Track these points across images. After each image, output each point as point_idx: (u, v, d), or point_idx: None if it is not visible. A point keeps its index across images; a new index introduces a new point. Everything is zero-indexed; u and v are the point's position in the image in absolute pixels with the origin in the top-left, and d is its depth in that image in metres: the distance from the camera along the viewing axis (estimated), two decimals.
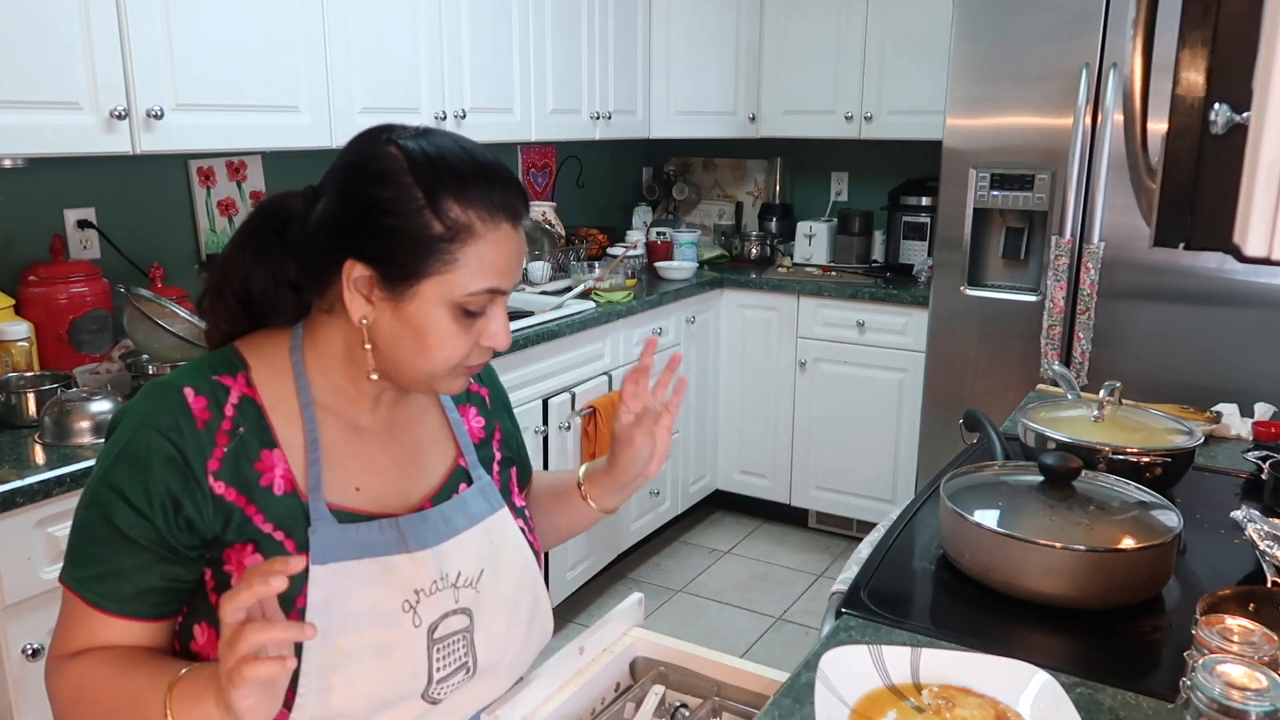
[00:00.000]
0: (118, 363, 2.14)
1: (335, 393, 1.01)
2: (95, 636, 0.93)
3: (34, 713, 1.67)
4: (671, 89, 3.81)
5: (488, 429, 1.16)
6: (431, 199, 0.91)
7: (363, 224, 0.93)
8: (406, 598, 0.97)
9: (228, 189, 2.66)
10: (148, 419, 0.92)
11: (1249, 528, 1.24)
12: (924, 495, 1.56)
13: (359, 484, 1.01)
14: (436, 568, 1.00)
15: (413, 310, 0.93)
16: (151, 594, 0.92)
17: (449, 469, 1.09)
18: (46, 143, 1.86)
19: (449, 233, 0.91)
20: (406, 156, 0.93)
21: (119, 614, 0.92)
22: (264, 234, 1.01)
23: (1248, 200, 0.76)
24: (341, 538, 0.95)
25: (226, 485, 0.93)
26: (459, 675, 1.01)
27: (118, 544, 0.91)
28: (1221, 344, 2.74)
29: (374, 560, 0.96)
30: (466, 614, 1.02)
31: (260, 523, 0.94)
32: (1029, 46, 2.88)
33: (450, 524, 1.03)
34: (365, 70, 2.50)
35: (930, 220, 3.72)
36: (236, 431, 0.95)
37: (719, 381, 3.88)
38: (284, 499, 0.95)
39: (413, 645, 0.97)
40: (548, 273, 3.45)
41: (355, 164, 0.95)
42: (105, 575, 0.91)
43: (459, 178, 0.92)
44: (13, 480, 1.61)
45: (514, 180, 0.97)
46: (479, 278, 0.93)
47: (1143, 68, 0.98)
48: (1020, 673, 1.01)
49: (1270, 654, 0.86)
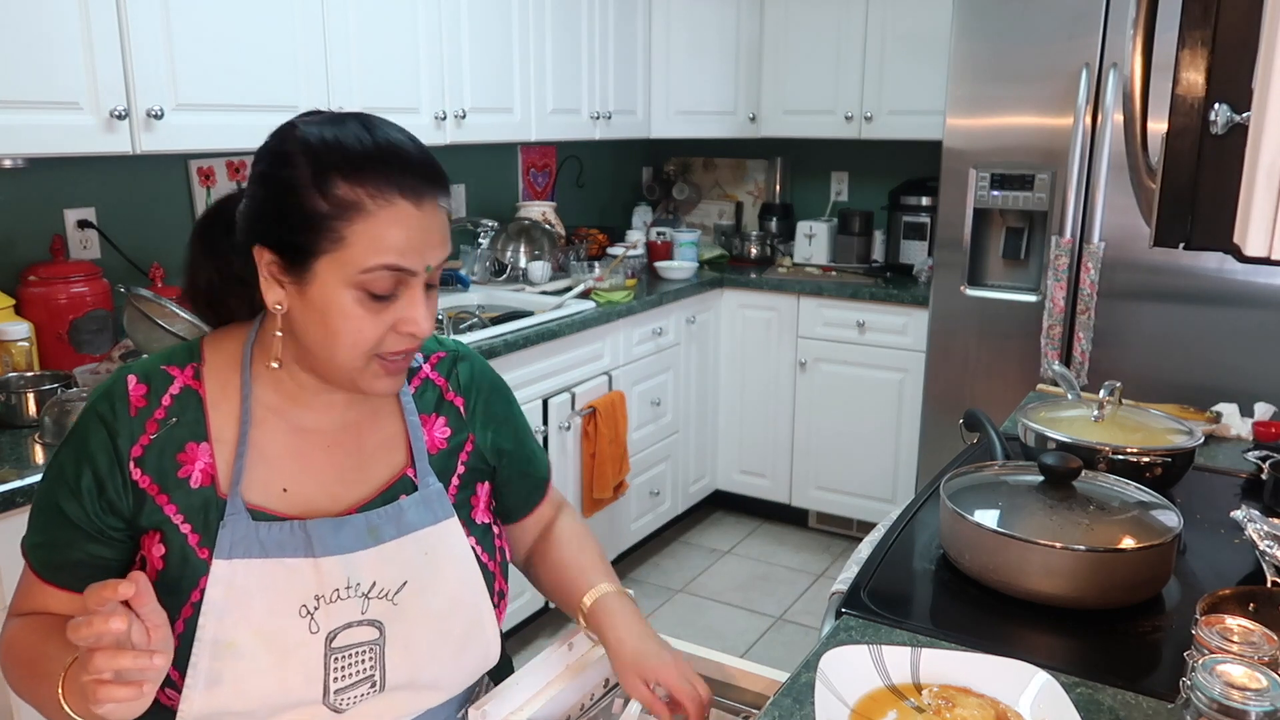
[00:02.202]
0: (118, 363, 2.14)
1: (280, 392, 1.02)
2: (36, 601, 0.99)
3: (34, 712, 1.66)
4: (671, 89, 3.81)
5: (455, 440, 1.12)
6: (317, 176, 0.91)
7: (262, 206, 0.95)
8: (305, 602, 0.97)
9: (228, 189, 2.66)
10: (94, 403, 0.98)
11: (1249, 528, 1.24)
12: (924, 495, 1.56)
13: (287, 485, 1.01)
14: (343, 575, 0.99)
15: (315, 293, 0.93)
16: (78, 567, 0.97)
17: (393, 477, 1.06)
18: (46, 143, 1.86)
19: (334, 209, 0.91)
20: (303, 139, 0.93)
21: (51, 582, 0.99)
22: (212, 230, 1.05)
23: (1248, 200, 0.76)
24: (248, 536, 0.96)
25: (143, 472, 0.97)
26: (363, 687, 1.00)
27: (55, 518, 0.97)
28: (1221, 344, 2.74)
29: (276, 561, 0.97)
30: (375, 626, 1.00)
31: (171, 513, 0.97)
32: (1029, 46, 2.88)
33: (375, 533, 1.01)
34: (365, 70, 2.50)
35: (930, 220, 3.72)
36: (168, 421, 0.98)
37: (719, 381, 3.88)
38: (199, 492, 0.98)
39: (307, 651, 0.97)
40: (548, 273, 3.45)
41: (265, 148, 0.97)
42: (43, 544, 0.98)
43: (349, 156, 0.92)
44: (13, 480, 1.61)
45: (421, 162, 0.95)
46: (371, 255, 0.91)
47: (1143, 68, 0.98)
48: (1020, 673, 1.01)
49: (1270, 654, 0.86)
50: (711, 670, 1.22)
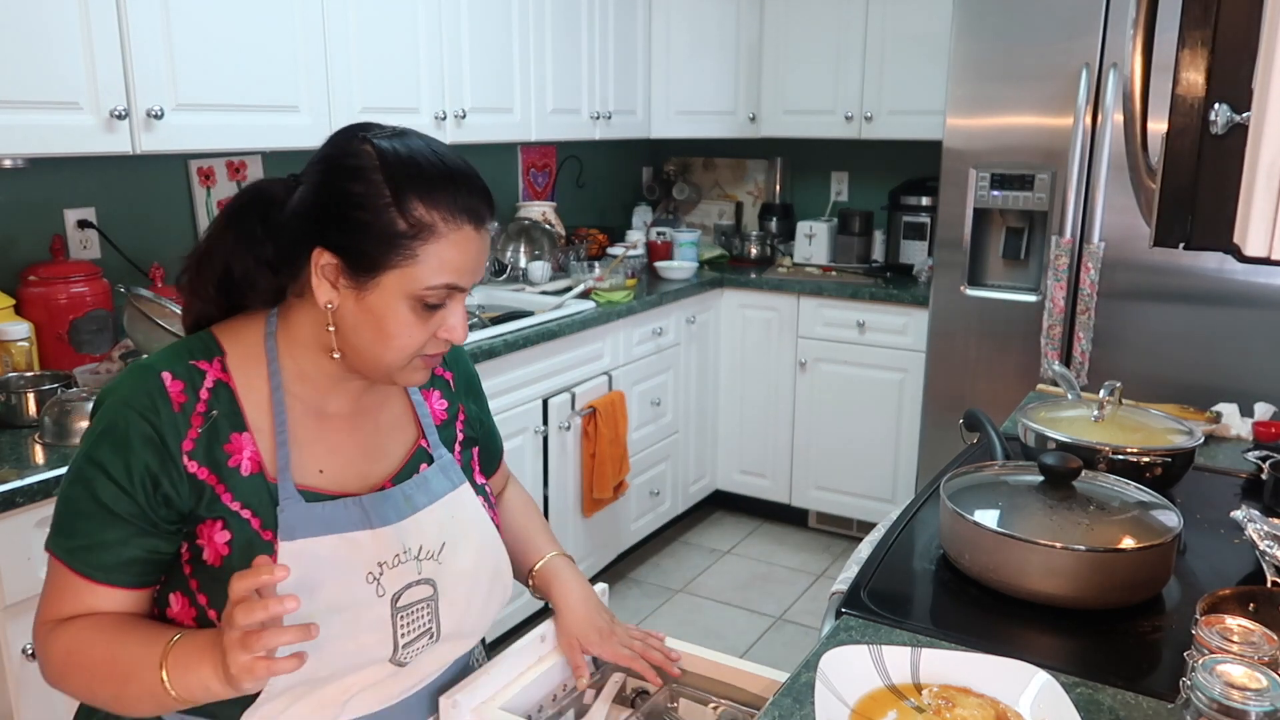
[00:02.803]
0: (118, 363, 2.14)
1: (303, 380, 1.07)
2: (82, 603, 0.99)
3: (34, 713, 1.67)
4: (671, 89, 3.81)
5: (451, 410, 1.21)
6: (398, 197, 0.96)
7: (333, 215, 0.98)
8: (370, 570, 1.04)
9: (228, 189, 2.66)
10: (128, 400, 0.98)
11: (1249, 528, 1.24)
12: (924, 495, 1.56)
13: (322, 466, 1.06)
14: (399, 542, 1.06)
15: (374, 300, 0.99)
16: (133, 564, 0.99)
17: (410, 450, 1.14)
18: (46, 143, 1.86)
19: (412, 230, 0.97)
20: (379, 155, 0.98)
21: (104, 582, 0.99)
22: (247, 216, 1.06)
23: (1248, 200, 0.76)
24: (308, 515, 1.02)
25: (199, 465, 0.99)
26: (423, 640, 1.08)
27: (102, 518, 0.97)
28: (1221, 344, 2.74)
29: (339, 536, 1.03)
30: (430, 584, 1.08)
31: (228, 501, 1.00)
32: (1029, 46, 2.88)
33: (411, 501, 1.09)
34: (365, 70, 2.50)
35: (930, 220, 3.72)
36: (210, 414, 1.01)
37: (719, 381, 3.88)
38: (250, 479, 1.01)
39: (377, 613, 1.04)
40: (548, 273, 3.45)
41: (332, 158, 1.01)
42: (91, 547, 0.98)
43: (426, 179, 0.98)
44: (13, 480, 1.61)
45: (480, 186, 1.02)
46: (438, 274, 0.98)
47: (1143, 68, 0.98)
48: (1020, 673, 1.01)
49: (1270, 654, 0.86)
50: (711, 670, 1.23)
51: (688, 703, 1.21)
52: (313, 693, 1.02)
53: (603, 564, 3.33)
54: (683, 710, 1.22)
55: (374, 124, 1.04)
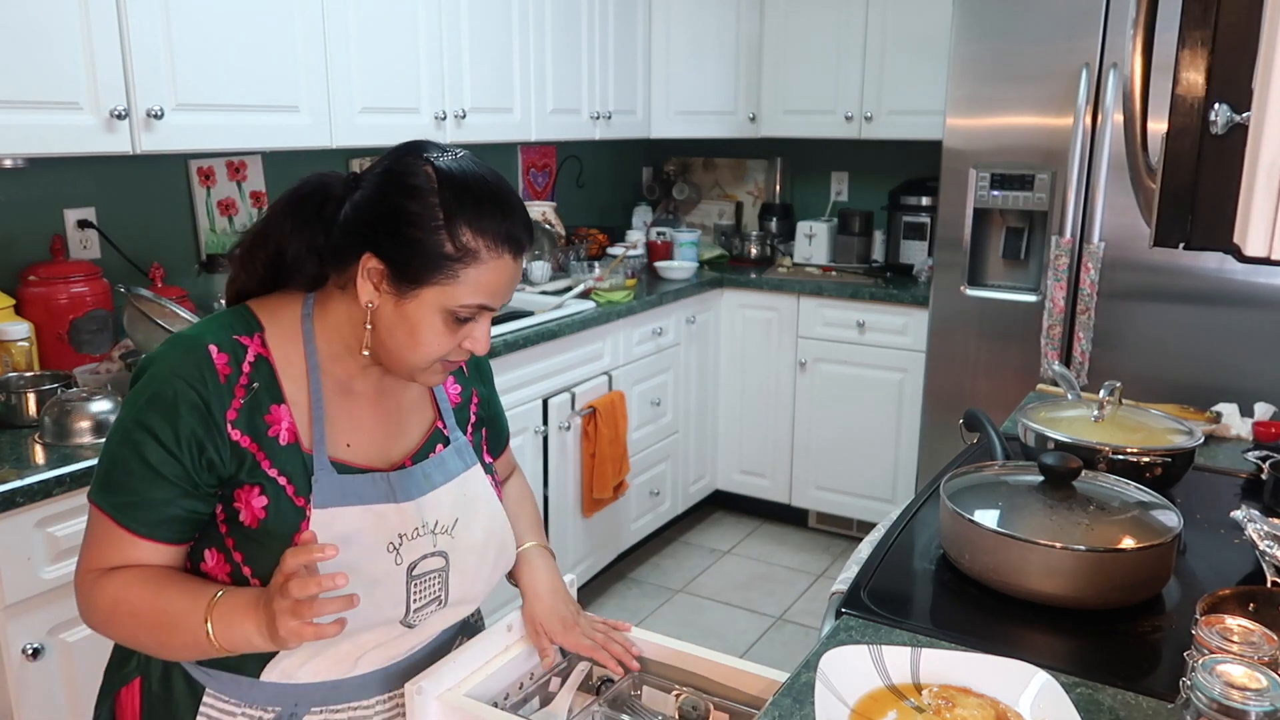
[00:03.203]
0: (118, 363, 2.14)
1: (334, 359, 1.14)
2: (124, 555, 1.06)
3: (34, 713, 1.67)
4: (671, 89, 3.81)
5: (464, 395, 1.29)
6: (449, 221, 1.04)
7: (387, 227, 1.05)
8: (391, 540, 1.12)
9: (228, 189, 2.66)
10: (176, 370, 1.05)
11: (1249, 528, 1.24)
12: (924, 495, 1.56)
13: (350, 440, 1.14)
14: (418, 516, 1.15)
15: (411, 309, 1.07)
16: (175, 523, 1.06)
17: (427, 431, 1.22)
18: (46, 143, 1.86)
19: (458, 253, 1.04)
20: (438, 177, 1.05)
21: (148, 537, 1.06)
22: (306, 204, 1.12)
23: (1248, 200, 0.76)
24: (341, 487, 1.10)
25: (242, 433, 1.07)
26: (432, 606, 1.17)
27: (149, 478, 1.04)
28: (1221, 344, 2.74)
29: (366, 508, 1.11)
30: (443, 556, 1.17)
31: (267, 468, 1.07)
32: (1029, 46, 2.88)
33: (430, 480, 1.17)
34: (365, 70, 2.50)
35: (930, 220, 3.72)
36: (251, 386, 1.08)
37: (719, 381, 3.88)
38: (287, 449, 1.09)
39: (394, 580, 1.12)
40: (548, 273, 3.45)
41: (394, 172, 1.07)
42: (136, 504, 1.05)
43: (477, 206, 1.05)
44: (13, 480, 1.61)
45: (525, 217, 1.10)
46: (474, 295, 1.06)
47: (1143, 68, 0.98)
48: (1020, 673, 1.01)
49: (1270, 654, 0.86)
50: (711, 670, 1.23)
51: (651, 690, 1.24)
52: (329, 648, 1.11)
53: (603, 564, 3.33)
54: (646, 698, 1.24)
55: (435, 143, 1.10)
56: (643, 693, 1.24)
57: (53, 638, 1.67)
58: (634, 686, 1.24)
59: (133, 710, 1.16)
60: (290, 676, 1.11)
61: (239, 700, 1.12)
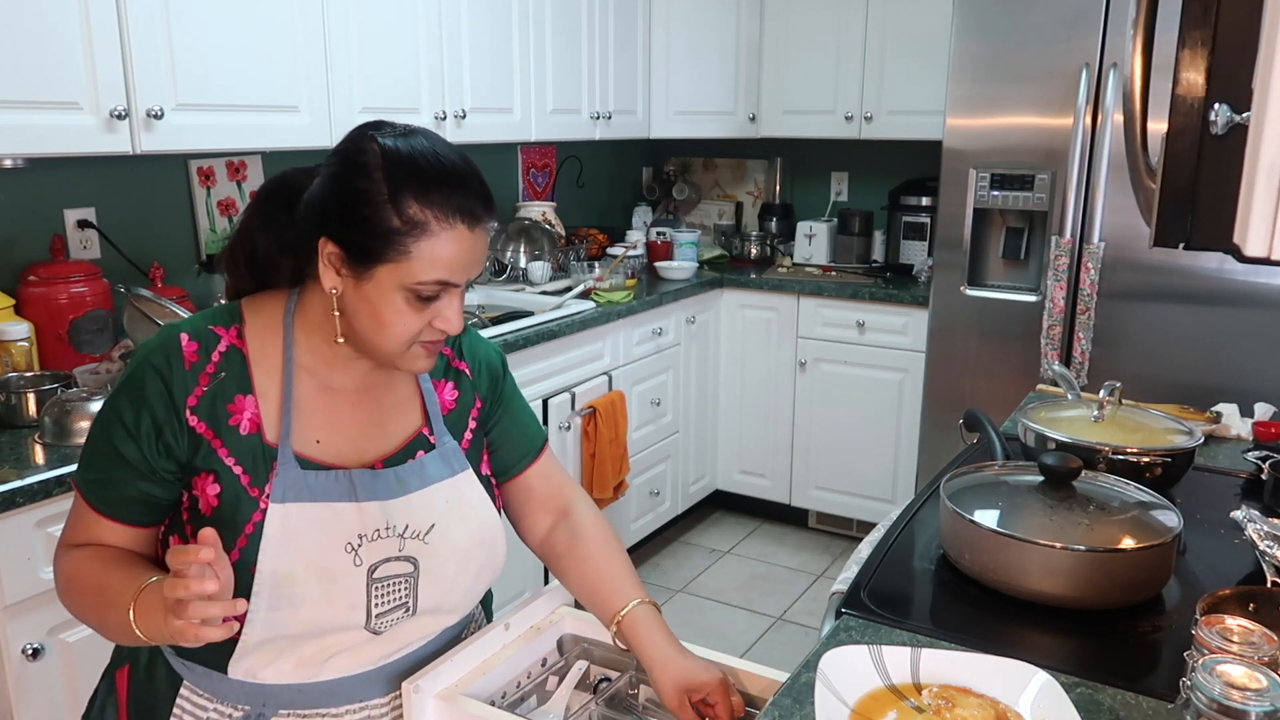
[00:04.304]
0: (118, 363, 2.14)
1: (314, 354, 1.13)
2: (91, 533, 1.10)
3: (34, 712, 1.67)
4: (671, 89, 3.81)
5: (463, 401, 1.25)
6: (395, 195, 1.02)
7: (338, 208, 1.05)
8: (349, 540, 1.10)
9: (228, 189, 2.66)
10: (148, 356, 1.08)
11: (1249, 528, 1.24)
12: (924, 495, 1.56)
13: (320, 437, 1.13)
14: (383, 518, 1.12)
15: (369, 290, 1.05)
16: (133, 504, 1.08)
17: (410, 436, 1.19)
18: (46, 143, 1.86)
19: (405, 227, 1.02)
20: (382, 154, 1.04)
21: (107, 515, 1.08)
22: (272, 203, 1.13)
23: (1248, 200, 0.76)
24: (300, 482, 1.09)
25: (199, 420, 1.08)
26: (398, 613, 1.14)
27: (111, 458, 1.07)
28: (1221, 344, 2.74)
29: (324, 505, 1.09)
30: (410, 561, 1.14)
31: (224, 456, 1.08)
32: (1029, 46, 2.88)
33: (403, 484, 1.15)
34: (365, 70, 2.50)
35: (930, 220, 3.72)
36: (218, 375, 1.09)
37: (719, 381, 3.88)
38: (248, 439, 1.09)
39: (351, 581, 1.10)
40: (548, 273, 3.45)
41: (344, 153, 1.07)
42: (100, 481, 1.08)
43: (422, 178, 1.03)
44: (13, 480, 1.61)
45: (478, 187, 1.07)
46: (429, 270, 1.03)
47: (1143, 68, 0.98)
48: (1020, 673, 1.01)
49: (1270, 654, 0.86)
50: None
51: (648, 689, 1.23)
52: (293, 648, 1.10)
53: None
54: (644, 696, 1.24)
55: (388, 123, 1.09)
56: (640, 691, 1.24)
57: (53, 638, 1.67)
58: (631, 685, 1.24)
59: (122, 692, 1.18)
60: (255, 675, 1.11)
61: (211, 695, 1.12)
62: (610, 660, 1.26)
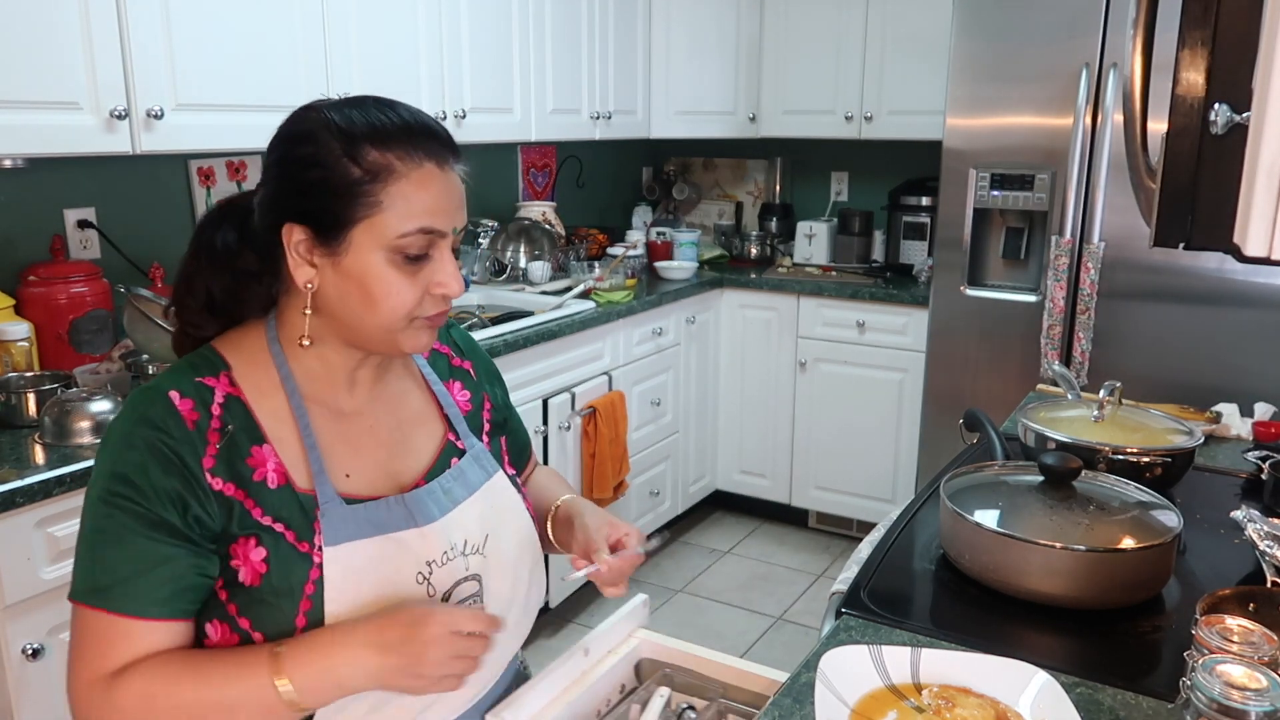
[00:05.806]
0: (118, 363, 2.14)
1: (313, 379, 1.03)
2: (131, 648, 0.91)
3: (34, 713, 1.67)
4: (671, 89, 3.81)
5: (475, 400, 1.19)
6: (348, 146, 0.94)
7: (290, 184, 0.96)
8: (420, 570, 1.01)
9: (228, 189, 2.66)
10: (136, 428, 0.93)
11: (1249, 528, 1.24)
12: (924, 495, 1.56)
13: (349, 471, 1.02)
14: (445, 539, 1.03)
15: (350, 262, 0.95)
16: (189, 591, 0.93)
17: (439, 446, 1.11)
18: (46, 143, 1.86)
19: (368, 174, 0.93)
20: (325, 115, 0.97)
21: (152, 617, 0.91)
22: (213, 236, 1.04)
23: (1248, 200, 0.76)
24: (352, 518, 0.98)
25: (224, 481, 0.94)
26: None
27: (146, 552, 0.91)
28: (1221, 344, 2.74)
29: (385, 537, 0.99)
30: (476, 580, 1.06)
31: (259, 516, 0.95)
32: (1029, 46, 2.88)
33: (450, 495, 1.06)
34: (365, 70, 2.50)
35: (930, 220, 3.72)
36: (226, 429, 0.96)
37: (719, 381, 3.88)
38: (278, 492, 0.97)
39: None
40: (548, 273, 3.44)
41: (282, 131, 1.00)
42: (131, 579, 0.91)
43: (375, 125, 0.96)
44: (13, 480, 1.61)
45: (436, 128, 1.00)
46: (406, 219, 0.94)
47: (1143, 68, 0.98)
48: (1020, 673, 1.01)
49: (1270, 654, 0.86)
50: (711, 670, 1.22)
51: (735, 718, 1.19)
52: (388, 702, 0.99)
53: None
54: None
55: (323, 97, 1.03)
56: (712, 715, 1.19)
57: (53, 638, 1.67)
58: (719, 714, 1.19)
59: None
60: None
61: None
62: (691, 686, 1.22)
